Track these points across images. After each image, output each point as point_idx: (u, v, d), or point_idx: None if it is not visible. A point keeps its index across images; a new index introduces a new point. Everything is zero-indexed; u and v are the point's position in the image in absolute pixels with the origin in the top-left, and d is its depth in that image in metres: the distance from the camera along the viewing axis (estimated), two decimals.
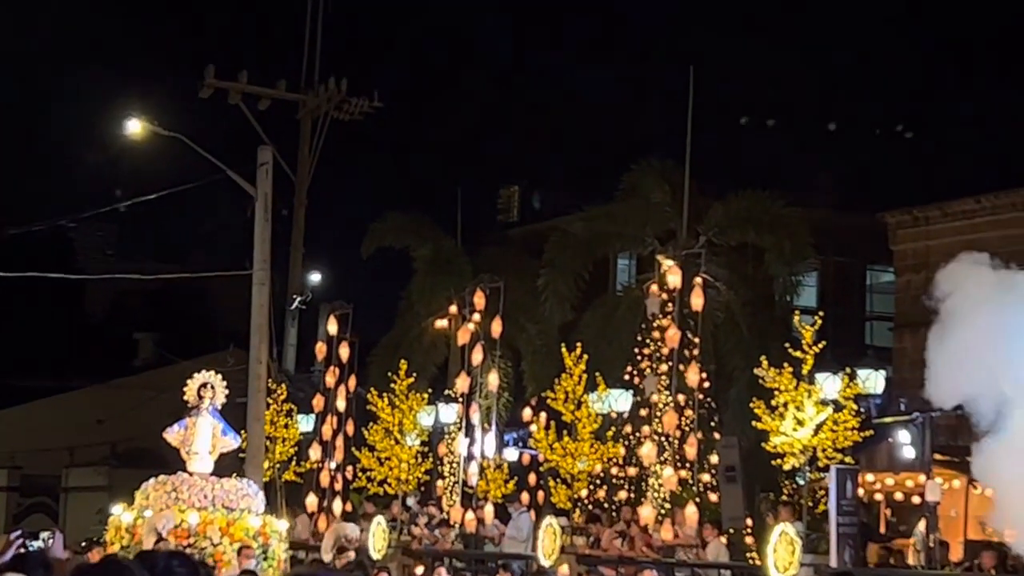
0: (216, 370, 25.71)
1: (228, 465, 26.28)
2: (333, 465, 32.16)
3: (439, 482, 34.93)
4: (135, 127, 32.52)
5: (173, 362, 49.03)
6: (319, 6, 45.09)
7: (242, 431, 27.24)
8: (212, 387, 24.71)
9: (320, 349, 33.84)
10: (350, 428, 32.54)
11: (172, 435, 24.55)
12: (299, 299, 42.86)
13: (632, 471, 31.50)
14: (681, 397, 28.72)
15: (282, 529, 24.79)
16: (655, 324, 31.68)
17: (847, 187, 49.65)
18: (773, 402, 27.29)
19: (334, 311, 33.35)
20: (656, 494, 30.49)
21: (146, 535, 22.67)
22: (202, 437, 24.29)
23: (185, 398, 24.75)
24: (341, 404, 32.02)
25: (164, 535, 22.62)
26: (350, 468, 34.24)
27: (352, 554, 26.73)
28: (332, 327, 32.68)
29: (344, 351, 32.29)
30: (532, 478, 33.57)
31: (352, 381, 32.68)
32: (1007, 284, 16.97)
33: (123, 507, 24.30)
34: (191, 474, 24.06)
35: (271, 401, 34.39)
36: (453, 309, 35.84)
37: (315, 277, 47.67)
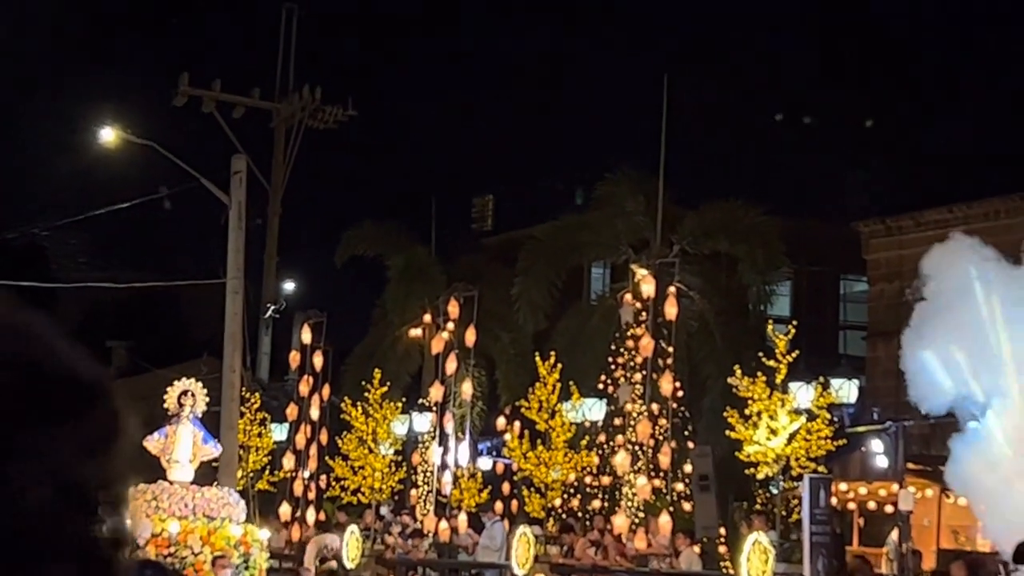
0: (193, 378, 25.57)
1: (202, 474, 26.16)
2: (307, 474, 32.10)
3: (413, 491, 34.89)
4: (109, 135, 32.46)
5: (146, 370, 48.88)
6: (293, 15, 45.13)
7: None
8: (193, 395, 24.52)
9: (294, 358, 33.78)
10: (324, 437, 32.48)
11: (152, 443, 24.31)
12: (273, 308, 42.79)
13: (606, 480, 31.52)
14: (655, 406, 28.76)
15: (263, 538, 24.64)
16: (629, 333, 31.71)
17: (820, 196, 49.76)
18: (747, 411, 27.35)
19: (308, 320, 33.30)
20: (630, 503, 30.51)
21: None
22: (183, 445, 24.09)
23: (165, 406, 24.54)
24: (315, 413, 31.96)
25: (141, 544, 22.44)
26: (324, 477, 34.21)
27: (334, 563, 26.77)
28: (306, 336, 32.62)
29: (318, 360, 32.24)
30: (506, 487, 33.57)
31: (326, 390, 32.63)
32: (994, 273, 16.92)
33: None
34: (172, 483, 23.87)
35: (244, 410, 34.29)
36: (427, 318, 35.90)
37: (289, 286, 47.66)
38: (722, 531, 28.94)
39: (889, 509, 29.22)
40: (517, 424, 33.41)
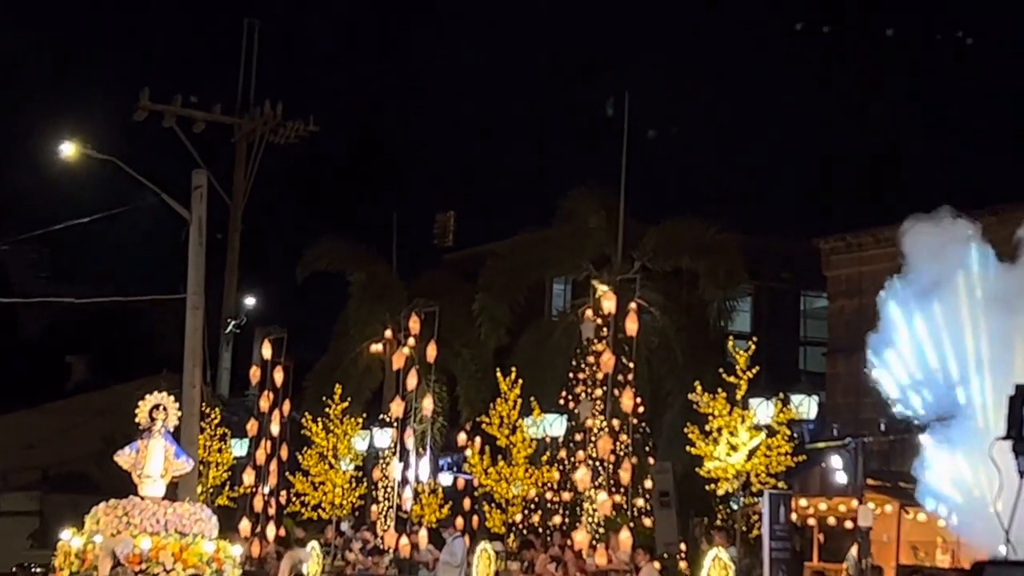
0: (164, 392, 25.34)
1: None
2: (267, 490, 32.01)
3: (373, 507, 34.84)
4: (69, 150, 32.32)
5: (106, 385, 48.74)
6: (255, 30, 45.13)
7: None
8: (165, 409, 24.27)
9: (254, 373, 33.71)
10: (284, 453, 32.43)
11: (123, 458, 24.03)
12: (233, 323, 42.75)
13: (567, 496, 31.53)
14: (615, 422, 28.80)
15: (236, 554, 24.49)
16: (590, 349, 31.77)
17: (781, 212, 50.02)
18: (707, 427, 27.38)
19: (268, 335, 33.25)
20: (590, 519, 30.55)
21: (102, 560, 22.24)
22: (154, 460, 23.79)
23: (136, 420, 24.29)
24: (275, 428, 31.91)
25: (121, 560, 22.21)
26: (284, 493, 34.12)
27: None
28: (266, 351, 32.57)
29: (278, 375, 32.19)
30: (467, 503, 33.55)
31: (286, 406, 32.58)
32: (980, 264, 16.72)
33: (72, 532, 23.80)
34: (143, 498, 23.66)
35: (204, 425, 34.20)
36: (388, 334, 35.89)
37: (250, 301, 47.49)
38: (682, 547, 28.99)
39: (849, 525, 29.28)
40: (478, 440, 33.39)
